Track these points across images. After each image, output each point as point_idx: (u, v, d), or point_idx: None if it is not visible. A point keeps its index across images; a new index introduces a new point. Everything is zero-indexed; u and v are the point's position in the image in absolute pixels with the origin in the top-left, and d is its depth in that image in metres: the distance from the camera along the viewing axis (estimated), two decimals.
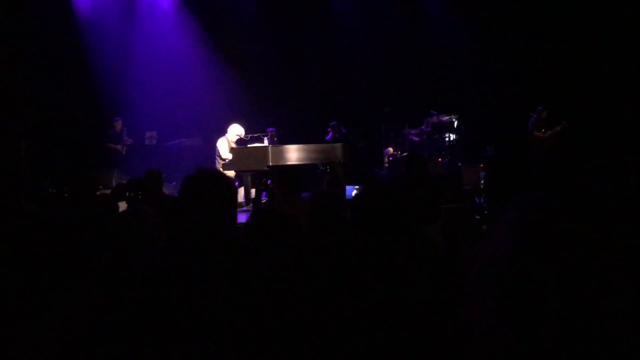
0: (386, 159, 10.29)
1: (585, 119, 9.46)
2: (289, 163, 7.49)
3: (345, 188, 5.51)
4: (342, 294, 1.83)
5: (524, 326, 0.50)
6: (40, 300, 1.54)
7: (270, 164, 7.46)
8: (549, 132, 9.51)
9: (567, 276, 0.49)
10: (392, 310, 1.78)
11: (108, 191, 5.08)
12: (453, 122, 10.11)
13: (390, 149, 10.40)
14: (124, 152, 9.98)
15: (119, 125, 10.04)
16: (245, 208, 7.30)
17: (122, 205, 3.84)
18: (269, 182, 4.22)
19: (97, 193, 4.73)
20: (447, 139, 10.14)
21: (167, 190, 6.81)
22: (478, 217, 5.20)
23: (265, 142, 8.37)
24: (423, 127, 10.28)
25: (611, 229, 0.50)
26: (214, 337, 1.55)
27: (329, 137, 10.19)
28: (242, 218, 6.31)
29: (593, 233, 0.50)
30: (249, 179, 7.59)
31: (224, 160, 7.87)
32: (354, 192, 6.32)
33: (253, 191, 7.31)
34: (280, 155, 7.61)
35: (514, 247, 0.52)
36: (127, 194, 3.69)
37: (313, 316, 1.78)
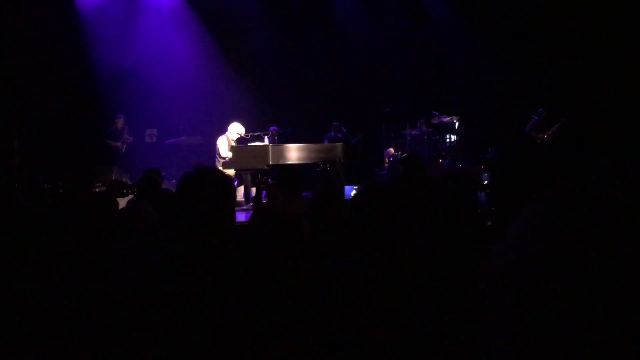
0: (386, 160, 10.28)
1: (587, 119, 9.46)
2: (289, 162, 7.48)
3: (344, 188, 5.49)
4: (342, 294, 1.82)
5: (542, 333, 0.48)
6: (41, 298, 1.53)
7: (271, 162, 7.45)
8: (549, 132, 9.51)
9: (591, 281, 0.47)
10: (391, 309, 1.77)
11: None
12: (454, 123, 10.11)
13: (391, 150, 10.40)
14: (123, 150, 9.97)
15: (120, 122, 10.02)
16: (244, 207, 7.28)
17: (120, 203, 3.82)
18: (269, 180, 4.20)
19: (95, 190, 4.72)
20: (447, 139, 10.13)
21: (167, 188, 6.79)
22: (479, 210, 5.17)
23: (266, 141, 8.35)
24: (418, 129, 10.29)
25: (634, 230, 0.48)
26: (210, 335, 1.54)
27: (330, 134, 10.20)
28: (242, 217, 6.31)
29: (619, 235, 0.48)
30: (249, 177, 7.58)
31: (223, 158, 7.86)
32: (353, 192, 6.31)
33: (253, 190, 7.30)
34: (281, 154, 7.60)
35: (532, 251, 0.50)
36: (125, 190, 3.67)
37: (312, 315, 1.76)
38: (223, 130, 8.30)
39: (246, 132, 8.27)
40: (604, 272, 0.47)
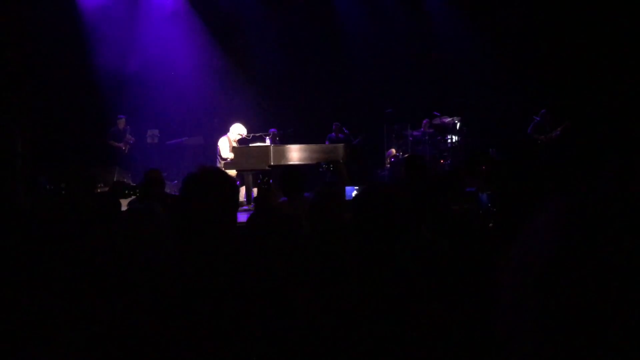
0: (388, 160, 10.28)
1: (589, 120, 9.44)
2: (290, 163, 7.49)
3: (345, 188, 5.49)
4: (342, 295, 1.82)
5: (569, 327, 0.48)
6: (44, 298, 1.53)
7: (272, 163, 7.45)
8: (552, 134, 9.49)
9: (615, 276, 0.47)
10: (392, 311, 1.77)
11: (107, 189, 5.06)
12: (455, 124, 10.10)
13: (393, 150, 10.39)
14: (126, 151, 9.98)
15: (122, 123, 10.03)
16: (246, 207, 7.29)
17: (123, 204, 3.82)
18: (270, 181, 4.21)
19: (97, 190, 4.72)
20: (449, 140, 10.12)
21: (168, 189, 6.80)
22: (481, 211, 5.16)
23: (267, 142, 8.36)
24: (422, 129, 10.28)
25: None
26: (213, 336, 1.54)
27: (332, 135, 10.21)
28: (243, 217, 6.31)
29: (632, 235, 0.48)
30: (251, 178, 7.58)
31: (224, 159, 7.86)
32: (354, 193, 6.30)
33: (255, 190, 7.31)
34: (282, 155, 7.60)
35: (553, 251, 0.50)
36: (126, 192, 3.68)
37: (313, 316, 1.77)
38: (224, 130, 8.30)
39: (247, 132, 8.27)
40: (625, 271, 0.47)
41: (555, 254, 0.51)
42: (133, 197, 4.31)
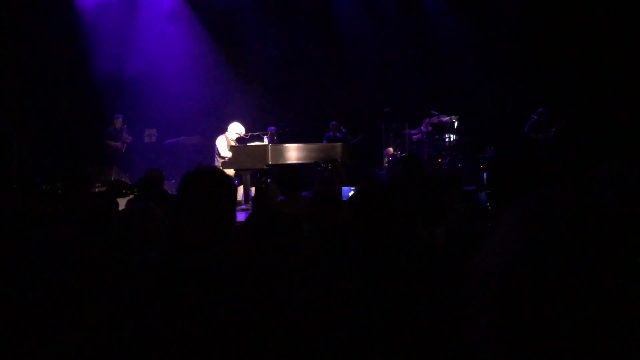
0: (386, 160, 10.28)
1: (587, 119, 9.45)
2: (288, 162, 7.49)
3: (341, 188, 5.49)
4: (339, 294, 1.82)
5: (527, 333, 0.48)
6: (42, 298, 1.53)
7: (270, 162, 7.45)
8: (548, 133, 9.50)
9: (572, 282, 0.47)
10: (389, 310, 1.77)
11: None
12: (453, 123, 10.11)
13: (391, 149, 10.40)
14: (123, 150, 9.95)
15: (119, 122, 10.00)
16: (244, 207, 7.28)
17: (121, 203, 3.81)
18: (268, 180, 4.21)
19: (95, 190, 4.71)
20: (447, 139, 10.13)
21: (166, 188, 6.78)
22: (479, 211, 5.16)
23: (265, 141, 8.35)
24: (422, 128, 10.28)
25: (616, 233, 0.48)
26: (211, 336, 1.54)
27: (329, 134, 10.21)
28: (241, 217, 6.32)
29: (598, 237, 0.48)
30: (249, 177, 7.58)
31: (223, 158, 7.86)
32: (351, 193, 6.29)
33: (253, 189, 7.31)
34: (280, 154, 7.61)
35: (515, 254, 0.51)
36: (124, 191, 3.67)
37: (311, 315, 1.77)
38: (222, 130, 8.29)
39: (245, 132, 8.26)
40: (587, 272, 0.47)
41: (517, 255, 0.51)
42: (131, 196, 4.30)
